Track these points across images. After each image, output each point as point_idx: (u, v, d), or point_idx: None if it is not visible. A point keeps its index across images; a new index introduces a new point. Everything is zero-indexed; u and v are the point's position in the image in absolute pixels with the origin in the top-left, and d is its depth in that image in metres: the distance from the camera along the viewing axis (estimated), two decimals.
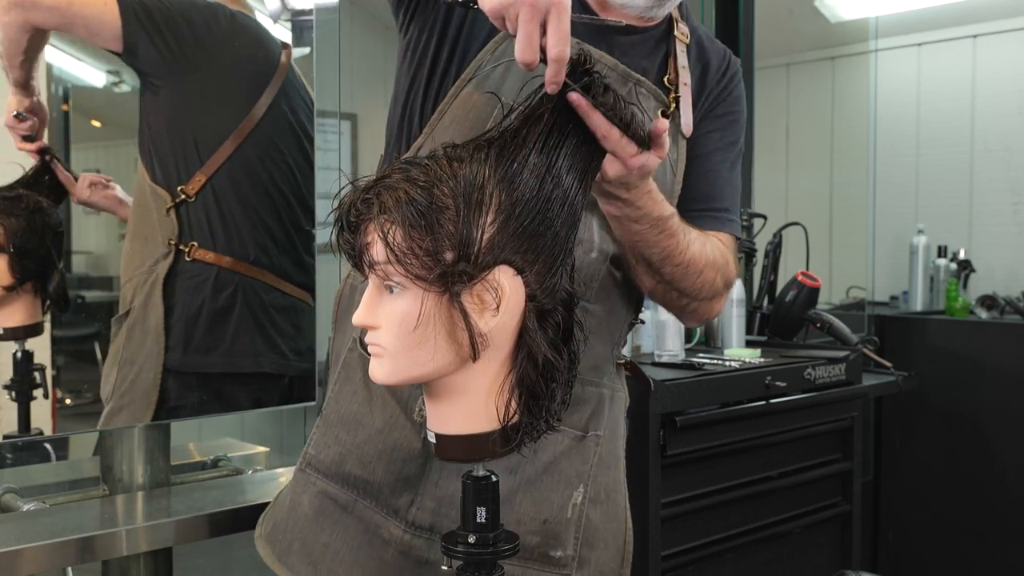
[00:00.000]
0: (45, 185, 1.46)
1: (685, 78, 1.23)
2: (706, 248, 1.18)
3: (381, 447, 1.16)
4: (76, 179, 1.48)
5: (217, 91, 1.57)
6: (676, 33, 1.25)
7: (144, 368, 1.52)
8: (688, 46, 1.26)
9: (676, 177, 1.24)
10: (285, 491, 1.25)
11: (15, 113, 1.41)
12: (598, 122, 0.91)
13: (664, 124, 0.96)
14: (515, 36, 0.90)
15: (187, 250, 1.53)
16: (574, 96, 0.91)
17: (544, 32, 0.88)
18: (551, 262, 0.89)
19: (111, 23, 1.44)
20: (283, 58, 1.62)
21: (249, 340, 1.59)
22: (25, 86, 1.41)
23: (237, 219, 1.56)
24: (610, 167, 0.96)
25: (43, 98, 1.44)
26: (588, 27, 1.16)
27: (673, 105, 1.22)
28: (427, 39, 1.20)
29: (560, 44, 0.87)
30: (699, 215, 1.24)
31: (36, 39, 1.41)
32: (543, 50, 0.89)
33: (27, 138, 1.43)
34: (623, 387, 1.33)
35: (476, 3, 0.94)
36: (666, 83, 1.22)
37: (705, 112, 1.27)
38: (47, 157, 1.44)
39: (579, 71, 0.91)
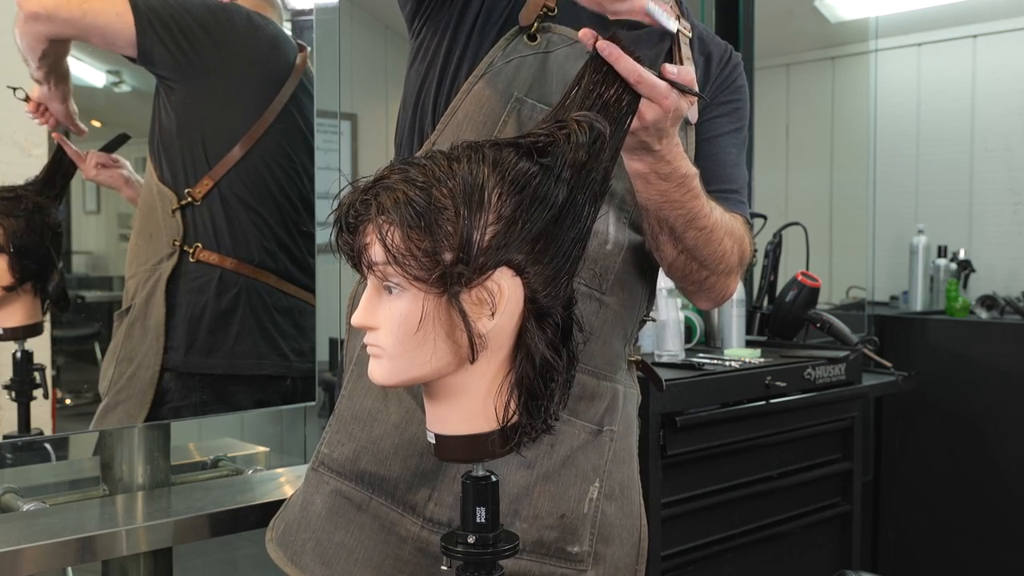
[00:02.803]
0: (65, 163, 1.47)
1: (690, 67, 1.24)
2: (725, 216, 1.18)
3: (398, 442, 1.16)
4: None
5: (230, 95, 1.57)
6: (679, 27, 1.25)
7: (142, 366, 1.52)
8: (691, 39, 1.27)
9: None
10: (296, 493, 1.25)
11: (25, 96, 1.42)
12: (629, 66, 0.93)
13: (685, 70, 0.99)
14: None
15: (191, 251, 1.53)
16: (603, 44, 0.93)
17: None
18: (556, 267, 0.89)
19: (126, 32, 1.44)
20: (298, 60, 1.62)
21: (251, 342, 1.59)
22: (41, 82, 1.43)
23: (242, 223, 1.56)
24: (648, 111, 0.97)
25: (62, 96, 1.44)
26: (595, 24, 1.17)
27: None
28: (439, 39, 1.21)
29: None
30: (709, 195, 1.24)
31: (53, 47, 1.42)
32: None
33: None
34: (635, 385, 1.33)
35: None
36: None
37: (709, 99, 1.28)
38: (52, 135, 1.45)
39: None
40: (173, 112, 1.51)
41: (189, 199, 1.52)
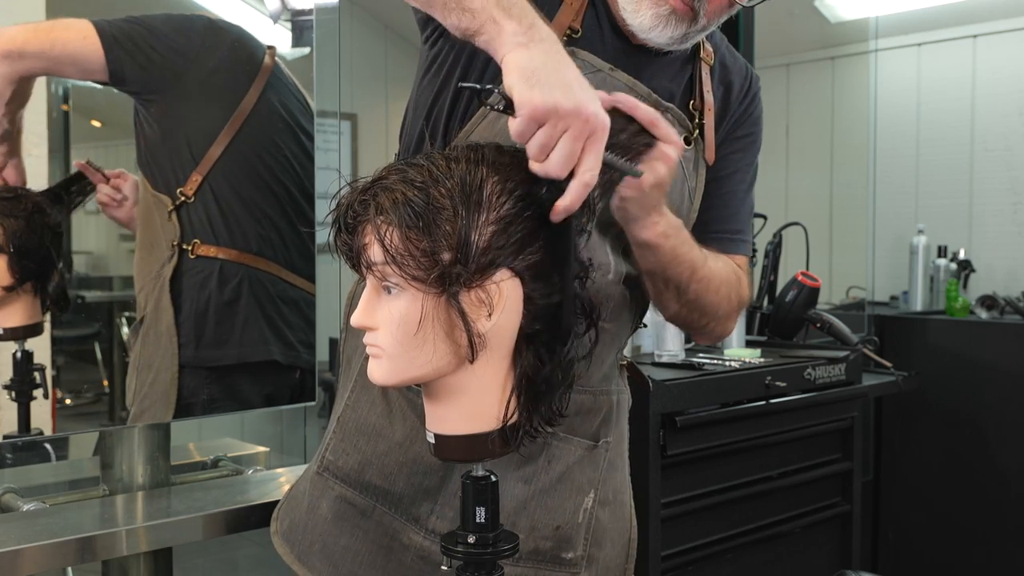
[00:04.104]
0: (81, 184, 1.48)
1: (710, 102, 1.23)
2: (718, 264, 1.20)
3: (402, 460, 1.17)
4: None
5: (203, 94, 1.57)
6: (702, 55, 1.24)
7: (161, 369, 1.53)
8: (712, 67, 1.26)
9: (693, 204, 1.24)
10: (300, 490, 1.25)
11: None
12: (646, 111, 0.98)
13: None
14: (545, 149, 0.86)
15: (190, 248, 1.53)
16: (621, 96, 0.96)
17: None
18: (556, 268, 0.89)
19: (95, 56, 1.44)
20: (267, 59, 1.62)
21: (258, 330, 1.60)
22: (4, 139, 1.41)
23: (237, 213, 1.57)
24: (663, 164, 1.00)
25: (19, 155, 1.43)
26: (618, 49, 1.17)
27: (696, 132, 1.22)
28: (456, 54, 1.17)
29: (593, 169, 0.87)
30: (713, 237, 1.25)
31: (21, 89, 1.41)
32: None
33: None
34: (626, 387, 1.34)
35: (510, 108, 0.87)
36: (691, 109, 1.22)
37: (726, 134, 1.27)
38: (75, 163, 1.47)
39: None
40: (155, 122, 1.52)
41: (183, 198, 1.52)
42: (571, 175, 0.87)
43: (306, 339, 1.67)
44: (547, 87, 0.85)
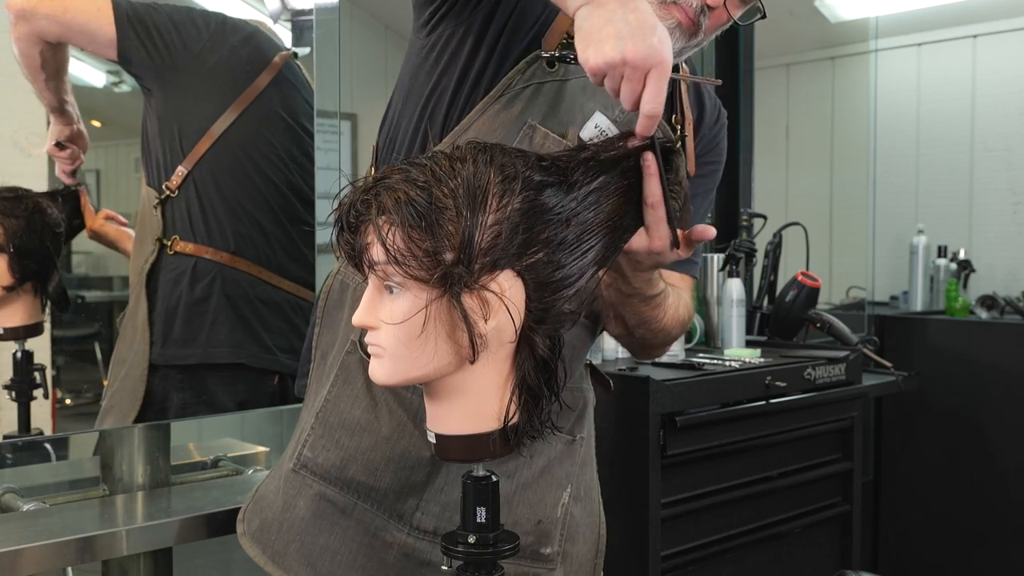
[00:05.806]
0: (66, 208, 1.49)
1: (690, 117, 1.26)
2: (679, 312, 1.24)
3: (389, 455, 1.16)
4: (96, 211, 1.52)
5: (202, 88, 1.57)
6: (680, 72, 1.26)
7: (132, 365, 1.52)
8: (688, 84, 1.28)
9: None
10: (271, 489, 1.22)
11: (56, 142, 1.42)
12: (654, 189, 0.96)
13: (712, 231, 1.04)
14: (615, 92, 0.95)
15: (169, 244, 1.53)
16: (649, 155, 0.95)
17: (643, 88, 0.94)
18: (560, 271, 0.89)
19: (106, 29, 1.44)
20: (276, 59, 1.62)
21: (227, 331, 1.57)
22: (61, 111, 1.43)
23: (218, 210, 1.56)
24: (635, 240, 1.00)
25: (83, 126, 1.46)
26: None
27: (679, 143, 1.23)
28: (458, 45, 1.16)
29: (654, 102, 0.93)
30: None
31: (49, 54, 1.42)
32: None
33: (71, 172, 1.46)
34: (591, 388, 1.38)
35: (574, 59, 0.98)
36: (672, 123, 1.24)
37: (696, 156, 1.29)
38: (79, 186, 1.48)
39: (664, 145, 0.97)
40: (154, 114, 1.52)
41: (167, 192, 1.52)
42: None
43: (286, 343, 1.64)
44: (597, 44, 0.93)
